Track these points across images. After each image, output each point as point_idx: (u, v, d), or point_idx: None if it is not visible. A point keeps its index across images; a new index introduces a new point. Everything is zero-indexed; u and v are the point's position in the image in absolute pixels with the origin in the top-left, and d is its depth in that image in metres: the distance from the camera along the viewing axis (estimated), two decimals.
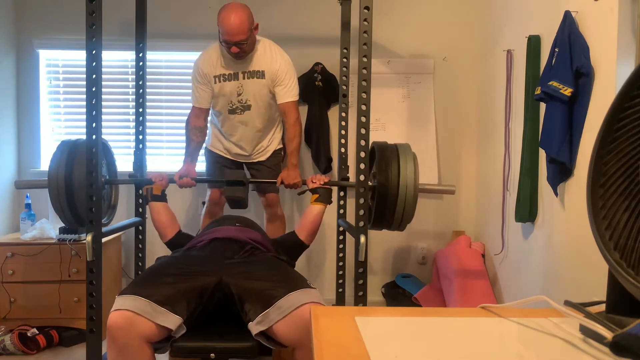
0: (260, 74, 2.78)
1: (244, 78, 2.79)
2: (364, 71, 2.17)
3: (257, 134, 2.96)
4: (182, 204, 3.46)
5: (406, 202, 2.24)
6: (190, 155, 2.81)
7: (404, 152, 2.32)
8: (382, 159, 2.28)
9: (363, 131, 2.17)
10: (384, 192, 2.24)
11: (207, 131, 3.04)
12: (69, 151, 2.37)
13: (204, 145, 3.09)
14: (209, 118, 3.02)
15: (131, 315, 1.70)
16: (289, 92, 2.78)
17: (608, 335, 0.81)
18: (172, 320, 1.75)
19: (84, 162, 2.27)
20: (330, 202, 2.54)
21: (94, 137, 2.25)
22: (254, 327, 1.78)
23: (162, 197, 2.51)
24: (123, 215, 3.38)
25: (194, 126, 2.83)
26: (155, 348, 1.80)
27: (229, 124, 2.94)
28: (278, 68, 2.75)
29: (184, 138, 2.91)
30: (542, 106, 2.43)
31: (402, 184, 2.23)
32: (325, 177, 2.54)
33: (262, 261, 2.07)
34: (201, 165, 3.11)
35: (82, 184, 2.29)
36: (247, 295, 1.84)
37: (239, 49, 2.64)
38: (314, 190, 2.51)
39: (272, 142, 3.03)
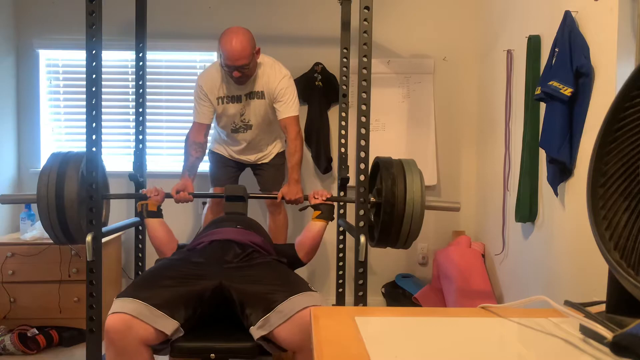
0: (260, 95, 2.80)
1: (246, 99, 2.81)
2: (364, 71, 2.16)
3: (260, 147, 3.02)
4: (182, 204, 3.46)
5: (412, 221, 2.17)
6: (189, 170, 2.76)
7: (410, 169, 2.25)
8: (388, 175, 2.21)
9: (363, 131, 2.17)
10: (390, 211, 2.17)
11: (210, 132, 3.05)
12: (59, 165, 2.25)
13: (208, 146, 3.09)
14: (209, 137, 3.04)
15: (129, 318, 1.69)
16: (288, 108, 2.77)
17: (608, 335, 0.81)
18: (169, 325, 1.73)
19: (75, 177, 2.20)
20: (332, 219, 2.49)
21: (93, 137, 2.24)
22: (256, 332, 1.77)
23: (158, 214, 2.43)
24: (123, 215, 3.38)
25: (193, 141, 2.81)
26: (155, 350, 1.79)
27: (231, 139, 2.99)
28: (276, 86, 2.75)
29: (183, 138, 2.91)
30: (542, 106, 2.43)
31: (409, 202, 2.16)
32: (328, 193, 2.49)
33: (262, 265, 2.05)
34: (204, 165, 3.12)
35: (73, 200, 2.19)
36: (248, 299, 1.83)
37: (240, 74, 2.63)
38: (315, 207, 2.46)
39: (274, 147, 3.07)
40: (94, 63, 2.23)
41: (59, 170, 2.23)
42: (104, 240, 2.37)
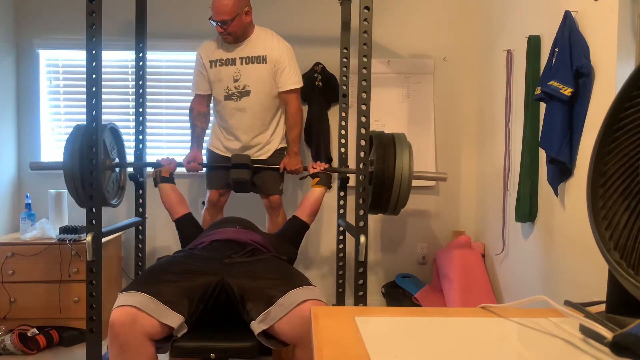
0: (261, 59, 2.80)
1: (241, 64, 2.81)
2: (364, 71, 2.17)
3: (256, 122, 2.87)
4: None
5: (401, 187, 2.36)
6: (196, 141, 2.89)
7: (400, 140, 2.43)
8: (380, 146, 2.39)
9: (363, 131, 2.18)
10: (381, 177, 2.34)
11: (208, 131, 3.04)
12: (83, 134, 2.43)
13: (206, 146, 3.08)
14: (210, 118, 3.02)
15: (134, 311, 1.69)
16: (290, 80, 2.81)
17: (608, 335, 0.81)
18: (174, 319, 1.74)
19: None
20: (330, 187, 2.67)
21: (94, 137, 2.25)
22: (257, 326, 1.78)
23: (170, 179, 2.65)
24: (123, 215, 3.38)
25: (197, 112, 2.90)
26: (156, 347, 1.79)
27: (224, 111, 2.89)
28: (280, 54, 2.78)
29: (184, 138, 2.91)
30: (542, 106, 2.43)
31: (398, 170, 2.34)
32: (326, 164, 2.68)
33: (262, 261, 2.07)
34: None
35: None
36: (249, 294, 1.84)
37: (222, 29, 2.70)
38: (314, 175, 2.65)
39: (273, 139, 2.94)
40: (94, 63, 2.23)
41: (82, 139, 2.41)
42: (104, 240, 2.38)
